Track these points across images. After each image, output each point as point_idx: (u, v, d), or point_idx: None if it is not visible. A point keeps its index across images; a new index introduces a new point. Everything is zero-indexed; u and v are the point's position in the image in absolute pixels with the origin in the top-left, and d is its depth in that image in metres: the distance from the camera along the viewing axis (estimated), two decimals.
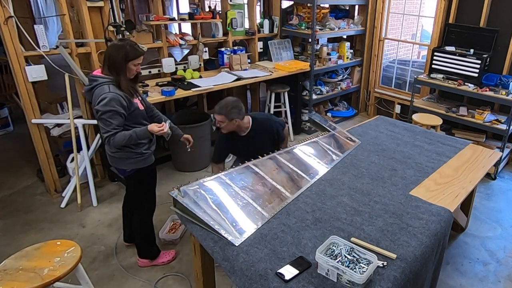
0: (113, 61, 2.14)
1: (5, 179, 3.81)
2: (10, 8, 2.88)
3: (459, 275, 2.65)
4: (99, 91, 2.13)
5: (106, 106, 2.09)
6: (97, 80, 2.16)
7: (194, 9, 3.98)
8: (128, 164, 2.35)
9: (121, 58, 2.13)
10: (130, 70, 2.19)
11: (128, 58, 2.14)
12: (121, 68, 2.15)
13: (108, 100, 2.09)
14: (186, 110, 4.47)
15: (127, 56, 2.14)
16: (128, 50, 2.14)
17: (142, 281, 2.56)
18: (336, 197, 2.14)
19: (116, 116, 2.12)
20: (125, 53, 2.13)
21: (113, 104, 2.10)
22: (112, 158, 2.37)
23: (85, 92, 2.27)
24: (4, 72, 5.21)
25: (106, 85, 2.14)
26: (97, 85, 2.16)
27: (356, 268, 1.53)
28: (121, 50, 2.13)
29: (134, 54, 2.16)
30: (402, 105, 5.18)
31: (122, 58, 2.13)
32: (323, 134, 2.90)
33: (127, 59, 2.14)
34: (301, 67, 4.55)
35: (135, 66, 2.19)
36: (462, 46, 4.18)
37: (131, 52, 2.14)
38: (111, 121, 2.12)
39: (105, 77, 2.17)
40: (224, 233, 1.79)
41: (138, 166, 2.37)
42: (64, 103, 3.60)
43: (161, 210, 3.30)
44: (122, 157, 2.32)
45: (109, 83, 2.15)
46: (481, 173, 2.50)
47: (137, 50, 2.18)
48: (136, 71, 2.23)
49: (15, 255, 1.96)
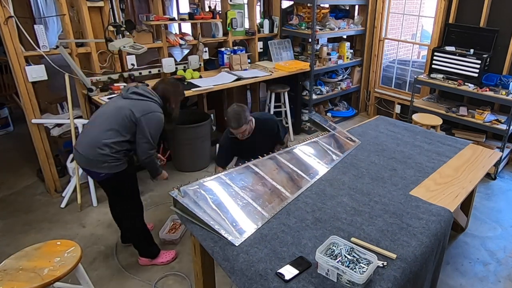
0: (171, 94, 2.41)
1: (5, 179, 3.81)
2: (10, 8, 2.88)
3: (459, 275, 2.65)
4: (153, 107, 2.30)
5: (159, 125, 2.29)
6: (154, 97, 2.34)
7: (194, 9, 3.98)
8: (101, 167, 2.26)
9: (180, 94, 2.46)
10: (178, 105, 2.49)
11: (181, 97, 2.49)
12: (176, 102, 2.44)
13: (161, 120, 2.31)
14: (186, 110, 4.47)
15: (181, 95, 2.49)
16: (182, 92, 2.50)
17: (142, 281, 2.56)
18: (336, 197, 2.14)
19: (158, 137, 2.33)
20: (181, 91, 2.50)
21: (161, 126, 2.32)
22: (86, 160, 2.26)
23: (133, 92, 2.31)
24: (4, 72, 5.21)
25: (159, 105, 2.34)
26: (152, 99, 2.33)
27: (356, 268, 1.53)
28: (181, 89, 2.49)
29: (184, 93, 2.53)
30: (402, 105, 5.18)
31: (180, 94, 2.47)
32: (323, 134, 2.90)
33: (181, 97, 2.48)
34: (301, 67, 4.55)
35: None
36: (462, 46, 4.18)
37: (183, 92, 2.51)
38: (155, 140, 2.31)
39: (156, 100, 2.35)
40: (224, 233, 1.79)
41: (111, 170, 2.28)
42: (64, 103, 3.60)
43: (161, 210, 3.30)
44: (98, 160, 2.23)
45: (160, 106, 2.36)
46: (481, 173, 2.50)
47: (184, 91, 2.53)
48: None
49: (15, 255, 1.95)
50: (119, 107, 2.27)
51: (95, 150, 2.22)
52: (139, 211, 2.58)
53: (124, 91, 2.37)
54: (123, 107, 2.26)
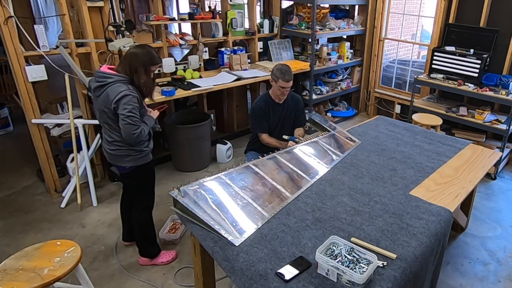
0: (138, 62, 2.24)
1: (5, 179, 3.81)
2: (10, 8, 2.88)
3: (459, 275, 2.65)
4: (117, 88, 2.18)
5: (131, 104, 2.18)
6: (112, 77, 2.21)
7: (194, 9, 3.98)
8: (126, 161, 2.38)
9: (148, 61, 2.26)
10: (151, 73, 2.32)
11: (153, 62, 2.29)
12: (146, 69, 2.27)
13: (132, 97, 2.19)
14: (186, 110, 4.47)
15: (152, 60, 2.28)
16: (154, 55, 2.30)
17: (142, 281, 2.56)
18: (336, 197, 2.14)
19: (138, 112, 2.23)
20: (151, 57, 2.28)
21: (135, 101, 2.21)
22: (110, 156, 2.40)
23: (94, 88, 2.26)
24: (4, 72, 5.21)
25: (123, 83, 2.21)
26: (112, 82, 2.20)
27: (356, 268, 1.53)
28: (148, 54, 2.27)
29: (157, 60, 2.32)
30: (402, 105, 5.18)
31: (148, 61, 2.26)
32: (323, 134, 2.90)
33: (152, 62, 2.28)
34: (301, 67, 4.55)
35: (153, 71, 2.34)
36: (462, 46, 4.18)
37: (156, 58, 2.30)
38: (138, 117, 2.22)
39: (120, 75, 2.24)
40: (224, 233, 1.79)
41: (137, 163, 2.40)
42: (64, 103, 3.60)
43: (161, 210, 3.30)
44: (122, 155, 2.36)
45: (126, 82, 2.23)
46: (481, 173, 2.50)
47: (159, 57, 2.35)
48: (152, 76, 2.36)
49: (15, 255, 1.95)
50: (99, 109, 2.29)
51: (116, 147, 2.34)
52: (150, 203, 2.64)
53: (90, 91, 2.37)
54: (99, 107, 2.28)
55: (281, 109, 2.98)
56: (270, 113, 2.95)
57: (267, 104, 2.94)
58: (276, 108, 2.96)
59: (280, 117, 2.99)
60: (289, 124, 3.07)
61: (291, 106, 3.04)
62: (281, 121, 3.00)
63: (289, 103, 3.01)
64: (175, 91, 3.48)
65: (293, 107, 3.05)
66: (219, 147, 4.18)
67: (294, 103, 3.06)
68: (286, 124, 3.05)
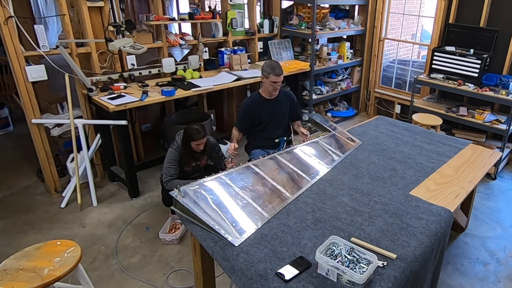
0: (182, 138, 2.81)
1: (5, 179, 3.81)
2: (10, 8, 2.88)
3: (459, 275, 2.65)
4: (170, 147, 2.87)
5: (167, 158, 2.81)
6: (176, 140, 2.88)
7: (194, 9, 3.97)
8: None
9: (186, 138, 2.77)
10: (193, 147, 2.80)
11: (190, 139, 2.74)
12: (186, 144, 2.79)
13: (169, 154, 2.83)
14: (186, 110, 4.47)
15: (190, 138, 2.74)
16: (191, 133, 2.73)
17: (142, 281, 2.56)
18: (336, 197, 2.14)
19: (172, 166, 2.81)
20: (189, 135, 2.74)
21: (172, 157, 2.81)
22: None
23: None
24: (4, 72, 5.21)
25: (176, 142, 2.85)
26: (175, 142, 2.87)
27: (356, 268, 1.53)
28: (186, 132, 2.76)
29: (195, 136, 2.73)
30: (402, 105, 5.18)
31: (186, 138, 2.76)
32: (324, 135, 2.90)
33: (189, 139, 2.75)
34: (301, 67, 4.55)
35: (196, 145, 2.78)
36: (462, 46, 4.18)
37: (193, 135, 2.72)
38: (169, 169, 2.80)
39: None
40: (224, 233, 1.78)
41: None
42: (64, 103, 3.60)
43: (161, 210, 3.30)
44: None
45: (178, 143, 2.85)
46: (481, 173, 2.50)
47: (198, 134, 2.73)
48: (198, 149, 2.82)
49: (15, 255, 1.96)
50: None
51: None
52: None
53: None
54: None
55: (272, 105, 3.01)
56: (259, 111, 2.99)
57: (256, 102, 2.99)
58: (266, 105, 3.00)
59: (271, 113, 3.01)
60: (284, 120, 3.10)
61: (284, 102, 3.07)
62: (274, 116, 3.02)
63: (281, 99, 3.04)
64: (175, 91, 3.48)
65: (286, 103, 3.08)
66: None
67: (287, 98, 3.10)
68: (280, 120, 3.07)
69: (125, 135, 3.31)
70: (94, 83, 3.39)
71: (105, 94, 3.32)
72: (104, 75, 3.48)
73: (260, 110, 3.00)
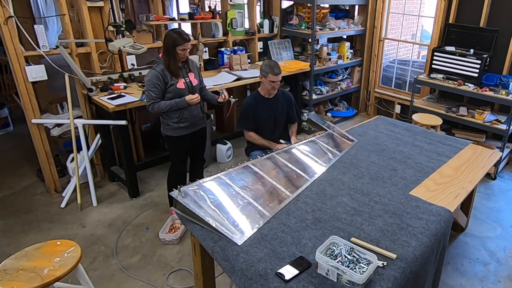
0: (165, 47, 2.63)
1: (5, 179, 3.81)
2: (10, 8, 2.88)
3: (459, 275, 2.65)
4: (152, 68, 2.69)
5: (149, 78, 2.64)
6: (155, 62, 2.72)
7: (194, 9, 3.98)
8: (163, 129, 2.89)
9: (170, 44, 2.59)
10: (178, 54, 2.63)
11: (175, 44, 2.58)
12: (171, 52, 2.62)
13: (151, 74, 2.65)
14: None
15: (174, 42, 2.58)
16: (175, 37, 2.58)
17: (142, 281, 2.56)
18: (336, 197, 2.14)
19: (153, 88, 2.64)
20: (173, 39, 2.58)
21: (151, 78, 2.63)
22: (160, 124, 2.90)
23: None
24: (4, 72, 5.21)
25: (156, 64, 2.69)
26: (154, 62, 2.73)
27: (356, 268, 1.53)
28: (170, 37, 2.59)
29: (180, 40, 2.58)
30: (402, 105, 5.18)
31: (171, 44, 2.59)
32: (321, 133, 2.90)
33: (174, 44, 2.58)
34: (301, 67, 4.55)
35: (181, 51, 2.62)
36: (462, 46, 4.18)
37: (178, 39, 2.58)
38: (151, 92, 2.65)
39: (160, 59, 2.69)
40: (227, 232, 1.78)
41: (166, 133, 2.88)
42: (64, 103, 3.60)
43: (161, 210, 3.30)
44: (162, 123, 2.87)
45: (158, 63, 2.67)
46: (481, 173, 2.50)
47: (182, 37, 2.59)
48: (184, 55, 2.66)
49: (15, 255, 1.95)
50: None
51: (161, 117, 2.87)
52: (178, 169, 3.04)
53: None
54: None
55: (272, 104, 3.02)
56: (260, 109, 3.00)
57: (256, 100, 3.00)
58: (266, 103, 3.00)
59: (271, 112, 3.03)
60: (282, 121, 3.12)
61: (283, 103, 3.08)
62: (273, 117, 3.04)
63: (279, 99, 3.06)
64: None
65: (284, 104, 3.09)
66: (219, 147, 4.18)
67: (285, 100, 3.11)
68: (279, 121, 3.09)
69: (125, 135, 3.31)
70: (94, 83, 3.39)
71: (105, 94, 3.32)
72: (104, 75, 3.48)
73: (260, 108, 3.00)
